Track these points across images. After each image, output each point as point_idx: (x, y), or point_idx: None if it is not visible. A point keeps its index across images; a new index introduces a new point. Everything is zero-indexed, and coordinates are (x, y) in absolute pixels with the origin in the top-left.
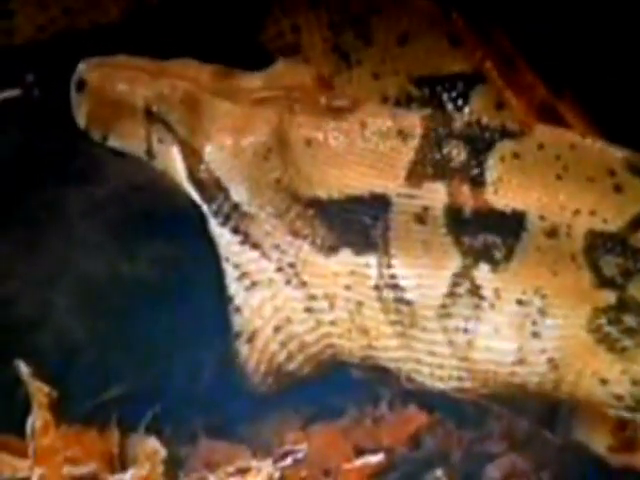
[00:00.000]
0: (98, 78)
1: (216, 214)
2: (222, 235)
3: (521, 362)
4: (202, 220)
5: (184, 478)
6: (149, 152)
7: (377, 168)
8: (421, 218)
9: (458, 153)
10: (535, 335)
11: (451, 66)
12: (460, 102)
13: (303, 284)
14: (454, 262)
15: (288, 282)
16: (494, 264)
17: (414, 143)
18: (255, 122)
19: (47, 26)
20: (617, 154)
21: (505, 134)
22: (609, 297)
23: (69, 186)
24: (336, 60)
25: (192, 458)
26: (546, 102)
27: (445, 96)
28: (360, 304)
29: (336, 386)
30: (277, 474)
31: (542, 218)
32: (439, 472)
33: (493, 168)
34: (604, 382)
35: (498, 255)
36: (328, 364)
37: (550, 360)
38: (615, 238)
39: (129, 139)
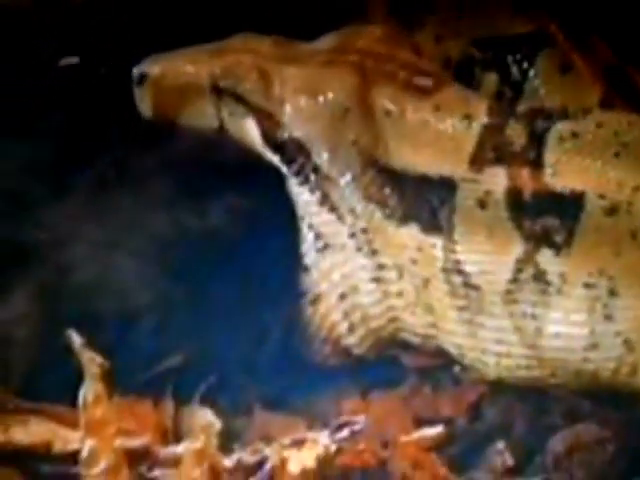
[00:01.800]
0: (158, 68)
1: (297, 174)
2: (301, 194)
3: (594, 347)
4: (278, 176)
5: (239, 450)
6: (221, 128)
7: (446, 152)
8: (484, 203)
9: (519, 136)
10: (607, 318)
11: (515, 28)
12: (525, 65)
13: (373, 252)
14: (517, 248)
15: (359, 249)
16: (556, 248)
17: (478, 128)
18: (329, 82)
19: None
20: None
21: (564, 115)
22: None
23: (139, 145)
24: (398, 24)
25: (247, 430)
26: (614, 64)
27: (509, 59)
28: (427, 281)
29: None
30: (334, 447)
31: (601, 197)
32: (501, 445)
33: (552, 149)
34: None
35: (559, 239)
36: (387, 343)
37: (626, 342)
38: None
39: (199, 120)
